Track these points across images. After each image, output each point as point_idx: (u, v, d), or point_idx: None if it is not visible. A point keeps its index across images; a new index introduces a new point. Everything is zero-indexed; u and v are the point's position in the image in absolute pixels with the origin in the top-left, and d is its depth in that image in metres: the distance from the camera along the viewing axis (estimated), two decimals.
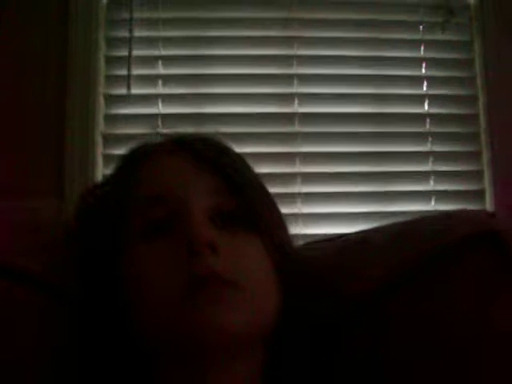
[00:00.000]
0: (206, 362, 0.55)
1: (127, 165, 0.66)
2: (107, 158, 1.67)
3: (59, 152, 1.64)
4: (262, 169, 0.69)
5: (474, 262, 0.64)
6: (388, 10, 1.82)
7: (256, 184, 0.66)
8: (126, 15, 1.72)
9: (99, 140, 1.68)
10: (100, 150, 1.68)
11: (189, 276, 0.54)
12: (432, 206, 1.72)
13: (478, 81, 1.78)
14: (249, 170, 0.67)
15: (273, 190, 0.69)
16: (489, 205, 1.72)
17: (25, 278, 0.62)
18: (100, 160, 1.67)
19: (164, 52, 1.74)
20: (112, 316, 0.59)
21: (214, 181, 0.61)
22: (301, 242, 0.78)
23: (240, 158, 0.67)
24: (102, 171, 1.67)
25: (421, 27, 1.82)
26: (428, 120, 1.77)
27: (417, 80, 1.80)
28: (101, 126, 1.69)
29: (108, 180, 0.68)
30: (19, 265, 0.62)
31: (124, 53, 1.71)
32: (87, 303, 0.61)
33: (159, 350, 0.57)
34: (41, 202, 0.76)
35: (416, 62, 1.80)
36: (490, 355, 0.61)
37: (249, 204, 0.62)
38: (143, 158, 0.65)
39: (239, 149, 0.69)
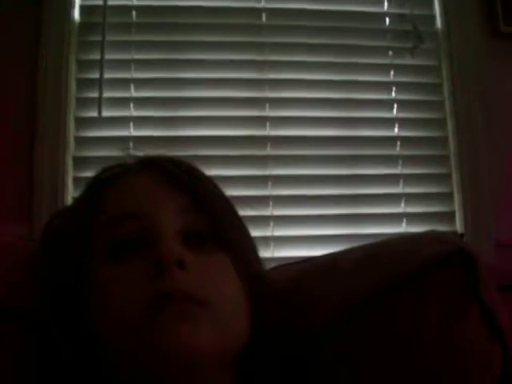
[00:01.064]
0: (172, 380, 0.54)
1: (95, 186, 0.66)
2: (78, 181, 1.65)
3: (29, 174, 1.62)
4: (234, 192, 0.69)
5: (441, 283, 0.65)
6: (358, 36, 1.85)
7: (225, 204, 0.67)
8: (97, 37, 1.72)
9: (70, 162, 1.67)
10: (70, 172, 1.66)
11: (155, 293, 0.53)
12: (403, 227, 1.73)
13: (447, 104, 1.81)
14: (217, 190, 0.68)
15: (245, 212, 0.69)
16: (459, 226, 1.74)
17: None
18: (70, 183, 1.66)
19: (136, 75, 1.74)
20: (77, 336, 0.58)
21: (182, 200, 0.61)
22: (273, 265, 0.78)
23: (208, 178, 0.68)
24: (72, 194, 1.65)
25: (390, 52, 1.85)
26: (398, 143, 1.79)
27: (387, 103, 1.82)
28: (71, 149, 1.68)
29: (75, 202, 0.68)
30: None
31: (95, 75, 1.70)
32: (52, 327, 0.60)
33: (125, 369, 0.56)
34: (7, 226, 0.75)
35: (386, 85, 1.83)
36: (457, 374, 0.62)
37: (218, 224, 0.61)
38: (111, 179, 0.65)
39: (211, 172, 0.69)
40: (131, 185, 0.63)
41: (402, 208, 1.76)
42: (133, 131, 1.70)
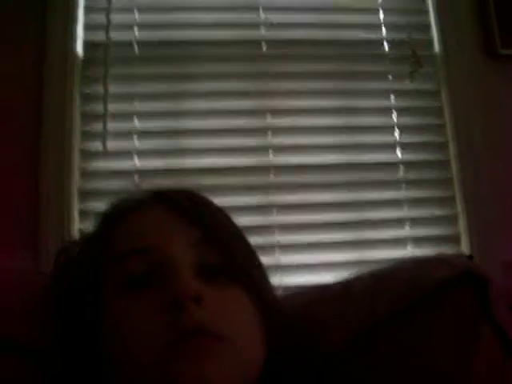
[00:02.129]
0: None
1: (105, 221, 0.66)
2: (83, 214, 1.66)
3: (34, 207, 1.63)
4: (238, 220, 0.69)
5: (452, 305, 0.65)
6: (357, 62, 1.86)
7: (238, 235, 0.66)
8: (100, 71, 1.74)
9: (75, 195, 1.67)
10: (76, 205, 1.67)
11: (175, 329, 0.53)
12: (409, 251, 1.73)
13: (448, 127, 1.82)
14: (230, 221, 0.67)
15: (251, 241, 0.69)
16: (465, 248, 1.73)
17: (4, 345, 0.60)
18: (76, 216, 1.66)
19: (139, 107, 1.76)
20: (93, 374, 0.57)
21: (194, 233, 0.61)
22: (280, 293, 0.78)
23: (220, 209, 0.68)
24: (77, 227, 1.65)
25: (390, 77, 1.86)
26: (401, 167, 1.80)
27: (388, 128, 1.83)
28: (77, 182, 1.69)
29: (87, 236, 0.68)
30: None
31: (99, 109, 1.72)
32: (65, 362, 0.60)
33: None
34: (15, 261, 0.75)
35: (387, 110, 1.84)
36: None
37: (232, 256, 0.61)
38: (122, 213, 0.65)
39: (215, 201, 0.69)
40: (142, 219, 0.63)
41: (407, 232, 1.75)
42: (137, 163, 1.71)
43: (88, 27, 1.79)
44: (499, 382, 0.63)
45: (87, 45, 1.78)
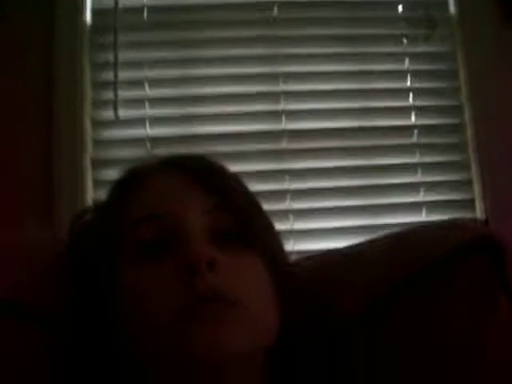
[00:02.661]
0: (207, 379, 0.55)
1: (120, 188, 0.66)
2: (97, 183, 1.66)
3: (48, 178, 1.64)
4: (251, 187, 0.69)
5: (467, 270, 0.64)
6: (371, 25, 1.83)
7: (251, 201, 0.66)
8: (110, 39, 1.72)
9: (88, 165, 1.68)
10: (89, 174, 1.67)
11: (189, 295, 0.53)
12: (423, 216, 1.72)
13: (463, 91, 1.80)
14: (244, 188, 0.67)
15: (264, 207, 0.69)
16: (479, 214, 1.72)
17: (15, 310, 0.61)
18: (90, 185, 1.67)
19: (150, 74, 1.74)
20: (108, 339, 0.58)
21: (210, 199, 0.61)
22: (294, 258, 0.78)
23: (234, 176, 0.67)
24: (91, 196, 1.66)
25: (404, 40, 1.83)
26: (416, 131, 1.78)
27: (403, 92, 1.81)
28: (89, 151, 1.69)
29: (100, 204, 0.68)
30: (12, 298, 0.61)
31: (110, 77, 1.71)
32: (80, 327, 0.60)
33: (157, 369, 0.56)
34: (29, 229, 0.75)
35: (401, 74, 1.82)
36: (486, 362, 0.61)
37: (245, 221, 0.61)
38: (136, 180, 0.65)
39: (228, 167, 0.69)
40: (157, 185, 0.63)
41: (421, 197, 1.74)
42: (149, 131, 1.71)
43: None
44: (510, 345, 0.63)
45: (96, 12, 1.76)
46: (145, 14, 1.77)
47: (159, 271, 0.56)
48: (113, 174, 0.69)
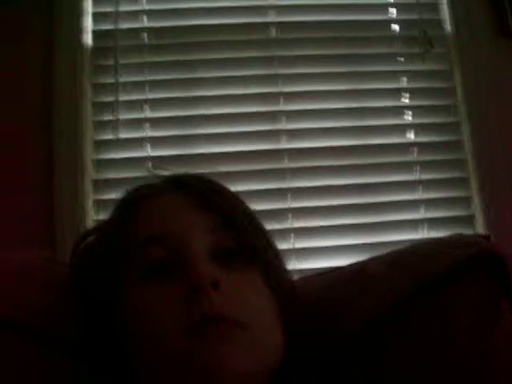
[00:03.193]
0: None
1: (123, 208, 0.66)
2: (98, 204, 1.66)
3: (49, 199, 1.63)
4: (253, 206, 0.69)
5: (471, 284, 0.65)
6: (368, 44, 1.85)
7: (252, 220, 0.67)
8: (111, 61, 1.74)
9: (89, 186, 1.68)
10: (90, 196, 1.67)
11: (192, 316, 0.54)
12: (424, 233, 1.72)
13: (462, 108, 1.81)
14: (244, 206, 0.68)
15: (266, 226, 0.69)
16: (479, 230, 1.73)
17: (23, 331, 0.61)
18: (91, 206, 1.67)
19: (150, 95, 1.75)
20: (114, 361, 0.58)
21: (211, 219, 0.61)
22: (296, 277, 0.78)
23: (235, 195, 0.68)
24: (92, 217, 1.66)
25: (401, 59, 1.85)
26: (415, 149, 1.79)
27: (400, 110, 1.82)
28: (90, 172, 1.69)
29: (104, 224, 0.68)
30: (19, 318, 0.61)
31: (111, 98, 1.72)
32: (88, 351, 0.60)
33: None
34: (32, 252, 0.75)
35: (398, 92, 1.83)
36: (491, 375, 0.61)
37: (248, 241, 0.62)
38: (139, 200, 0.65)
39: (229, 187, 0.69)
40: (159, 205, 0.63)
41: (421, 214, 1.75)
42: (150, 151, 1.72)
43: (97, 16, 1.79)
44: None
45: (96, 34, 1.78)
46: (145, 36, 1.79)
47: (164, 292, 0.56)
48: (114, 194, 0.69)
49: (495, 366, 0.61)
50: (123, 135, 1.71)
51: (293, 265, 1.59)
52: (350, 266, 0.74)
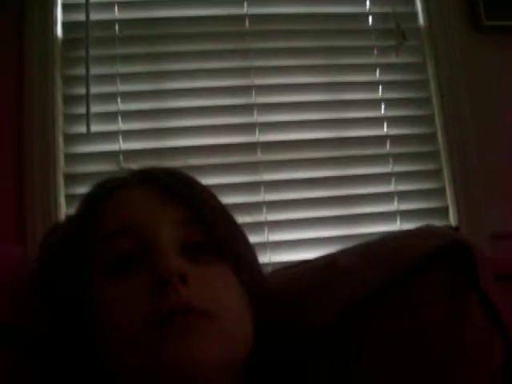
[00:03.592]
0: None
1: (90, 201, 0.65)
2: (70, 198, 1.64)
3: (19, 193, 1.61)
4: (226, 199, 0.69)
5: (439, 276, 0.65)
6: (342, 37, 1.86)
7: (222, 213, 0.66)
8: (82, 53, 1.71)
9: (60, 180, 1.66)
10: (62, 190, 1.65)
11: (160, 308, 0.53)
12: (398, 225, 1.73)
13: (434, 100, 1.82)
14: (215, 199, 0.67)
15: (239, 219, 0.69)
16: (453, 221, 1.74)
17: None
18: (62, 200, 1.65)
19: (122, 88, 1.73)
20: (83, 354, 0.57)
21: (180, 212, 0.61)
22: (269, 270, 0.78)
23: (205, 188, 0.67)
24: (64, 211, 1.64)
25: (375, 51, 1.85)
26: (388, 141, 1.80)
27: (375, 103, 1.82)
28: (62, 166, 1.67)
29: (71, 218, 0.67)
30: None
31: (82, 91, 1.70)
32: (54, 346, 0.59)
33: (131, 382, 0.55)
34: (3, 247, 0.74)
35: (373, 85, 1.84)
36: (460, 364, 0.62)
37: (216, 234, 0.61)
38: (106, 193, 0.64)
39: (202, 181, 0.68)
40: (127, 199, 0.63)
41: (395, 206, 1.76)
42: (122, 145, 1.70)
43: (67, 7, 1.76)
44: (486, 348, 0.64)
45: (67, 26, 1.75)
46: (116, 28, 1.77)
47: (131, 285, 0.56)
48: (86, 188, 0.68)
49: (464, 356, 0.62)
50: (95, 128, 1.69)
51: (267, 258, 1.59)
52: (321, 258, 0.74)
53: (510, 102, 1.82)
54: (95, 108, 1.70)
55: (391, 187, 1.77)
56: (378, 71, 1.84)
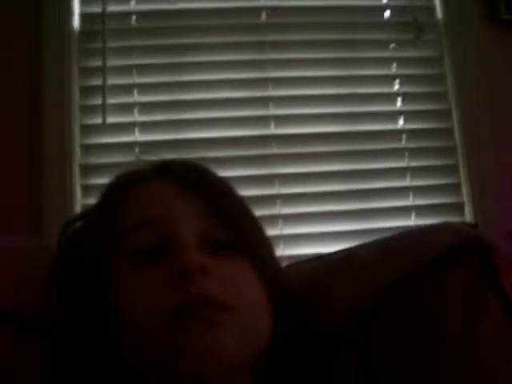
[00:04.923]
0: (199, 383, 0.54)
1: (112, 193, 0.66)
2: (85, 189, 1.66)
3: (36, 184, 1.62)
4: (241, 192, 0.69)
5: (458, 273, 0.64)
6: (359, 30, 1.84)
7: (242, 207, 0.66)
8: (98, 45, 1.72)
9: (77, 171, 1.67)
10: (78, 180, 1.66)
11: (181, 301, 0.53)
12: (412, 220, 1.73)
13: (451, 95, 1.81)
14: (234, 193, 0.67)
15: (254, 212, 0.69)
16: (468, 217, 1.73)
17: (8, 318, 0.60)
18: (78, 191, 1.66)
19: (138, 80, 1.74)
20: (103, 345, 0.58)
21: (200, 205, 0.61)
22: (284, 264, 0.78)
23: (224, 181, 0.67)
24: (80, 202, 1.65)
25: (392, 45, 1.84)
26: (404, 136, 1.79)
27: (391, 97, 1.81)
28: (78, 157, 1.68)
29: (92, 210, 0.68)
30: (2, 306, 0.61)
31: (98, 82, 1.70)
32: (75, 336, 0.60)
33: (150, 374, 0.56)
34: (20, 238, 0.74)
35: (389, 79, 1.83)
36: (478, 364, 0.62)
37: (236, 228, 0.61)
38: (128, 186, 0.64)
39: (217, 173, 0.68)
40: (148, 191, 0.63)
41: (410, 201, 1.75)
42: (138, 136, 1.70)
43: None
44: (504, 348, 0.63)
45: (84, 17, 1.76)
46: (133, 20, 1.77)
47: (151, 275, 0.56)
48: (102, 179, 0.69)
49: (483, 354, 0.61)
50: (111, 120, 1.69)
51: (281, 251, 1.59)
52: (338, 252, 0.74)
53: None
54: (111, 99, 1.70)
55: (406, 182, 1.76)
56: (394, 65, 1.83)
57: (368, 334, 0.64)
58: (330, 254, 0.75)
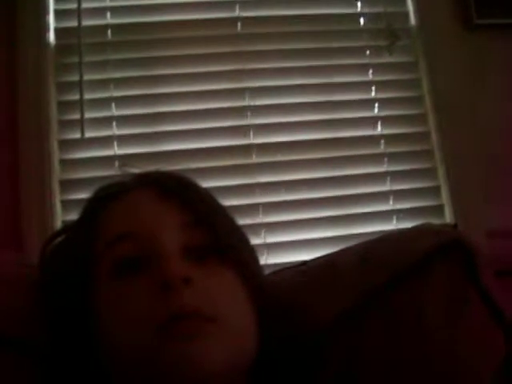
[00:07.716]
0: None
1: (92, 206, 0.65)
2: (66, 204, 1.64)
3: (15, 200, 1.61)
4: (222, 202, 0.69)
5: (440, 274, 0.65)
6: (334, 38, 1.85)
7: (225, 216, 0.66)
8: (75, 59, 1.71)
9: (56, 186, 1.65)
10: (58, 196, 1.65)
11: (165, 313, 0.53)
12: (394, 224, 1.74)
13: (427, 99, 1.83)
14: (215, 202, 0.67)
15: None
16: (449, 219, 1.75)
17: None
18: (58, 206, 1.64)
19: (116, 93, 1.73)
20: (86, 359, 0.57)
21: (182, 215, 0.61)
22: (268, 272, 0.78)
23: (205, 191, 0.67)
24: (61, 218, 1.64)
25: (367, 52, 1.86)
26: (382, 141, 1.80)
27: (368, 103, 1.83)
28: (57, 172, 1.67)
29: (73, 225, 0.67)
30: None
31: (76, 97, 1.69)
32: (58, 354, 0.59)
33: None
34: (0, 253, 0.74)
35: (366, 85, 1.84)
36: (461, 361, 0.62)
37: (219, 237, 0.61)
38: (108, 198, 0.64)
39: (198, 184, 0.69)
40: (129, 203, 0.63)
41: (390, 205, 1.76)
42: (117, 150, 1.70)
43: (59, 13, 1.76)
44: (485, 344, 0.64)
45: (60, 32, 1.75)
46: (109, 33, 1.77)
47: (135, 289, 0.55)
48: (82, 194, 0.68)
49: (466, 352, 0.62)
50: (90, 134, 1.68)
51: (265, 259, 1.59)
52: (320, 258, 0.74)
53: (502, 99, 1.83)
54: (89, 114, 1.70)
55: (386, 186, 1.77)
56: (370, 71, 1.85)
57: (351, 338, 0.65)
58: (312, 260, 0.75)
